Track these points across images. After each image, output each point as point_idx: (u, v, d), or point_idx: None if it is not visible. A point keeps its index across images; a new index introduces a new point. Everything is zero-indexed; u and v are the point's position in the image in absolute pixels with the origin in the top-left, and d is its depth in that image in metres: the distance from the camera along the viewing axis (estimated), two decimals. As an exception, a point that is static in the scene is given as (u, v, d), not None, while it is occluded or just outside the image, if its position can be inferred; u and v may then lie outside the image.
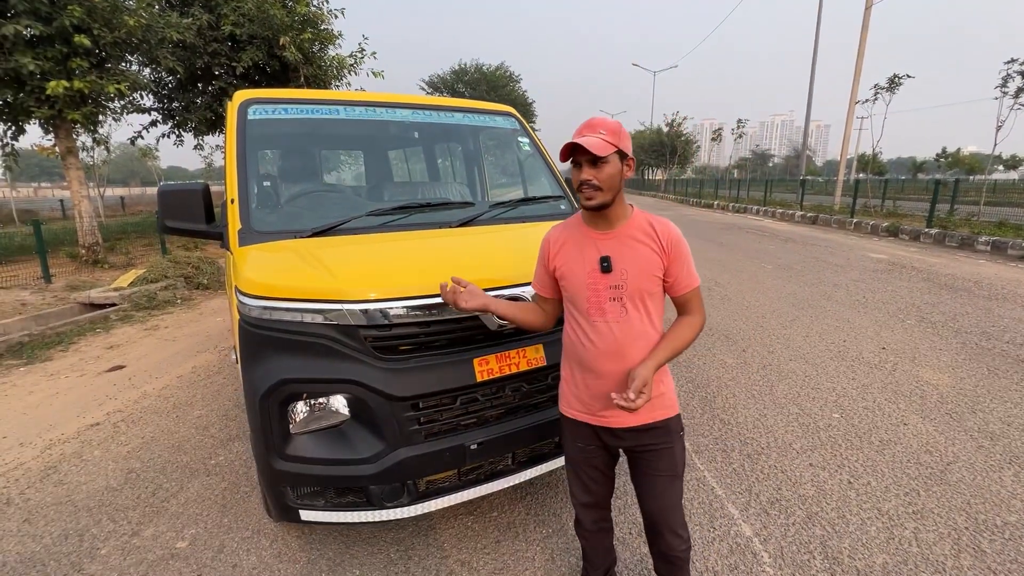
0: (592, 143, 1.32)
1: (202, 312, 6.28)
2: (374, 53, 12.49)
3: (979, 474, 2.59)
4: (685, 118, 39.29)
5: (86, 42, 7.39)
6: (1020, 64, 10.38)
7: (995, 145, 11.36)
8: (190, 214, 2.05)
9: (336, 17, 12.28)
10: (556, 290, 1.59)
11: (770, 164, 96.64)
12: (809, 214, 15.45)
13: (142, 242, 12.05)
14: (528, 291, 1.87)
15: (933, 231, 10.59)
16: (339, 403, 1.72)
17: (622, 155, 1.39)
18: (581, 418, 1.57)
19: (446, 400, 1.76)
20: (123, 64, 8.97)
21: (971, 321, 5.07)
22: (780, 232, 13.13)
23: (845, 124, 16.08)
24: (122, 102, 9.78)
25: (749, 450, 2.83)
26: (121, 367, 4.45)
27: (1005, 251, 8.88)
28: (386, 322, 1.67)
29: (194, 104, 11.71)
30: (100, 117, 9.35)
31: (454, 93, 30.06)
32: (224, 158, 2.78)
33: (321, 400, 1.70)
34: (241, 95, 2.35)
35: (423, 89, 31.61)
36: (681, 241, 1.45)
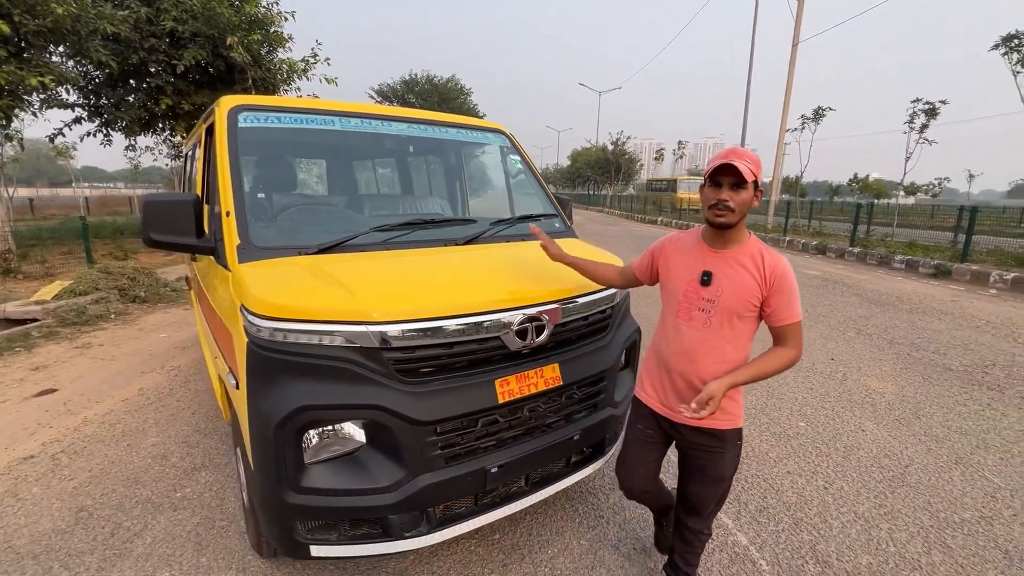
0: (742, 168, 1.44)
1: (141, 328, 5.76)
2: (327, 59, 12.14)
3: (933, 475, 2.85)
4: (629, 137, 41.01)
5: (5, 29, 6.70)
6: (924, 103, 11.74)
7: (904, 174, 12.74)
8: (179, 227, 1.89)
9: (286, 20, 11.87)
10: (649, 277, 1.83)
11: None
12: (746, 232, 16.49)
13: (60, 250, 10.93)
14: (547, 310, 1.89)
15: (856, 250, 11.65)
16: (357, 430, 1.63)
17: (755, 186, 1.50)
18: (650, 404, 1.76)
19: (468, 423, 1.72)
20: (46, 55, 8.18)
21: (901, 333, 5.60)
22: (722, 248, 13.91)
23: (776, 150, 17.41)
24: (43, 96, 8.90)
25: (731, 460, 2.96)
26: (52, 391, 3.98)
27: (917, 268, 9.91)
28: (411, 343, 1.62)
29: (126, 102, 10.86)
30: (16, 111, 8.47)
31: (404, 103, 29.73)
32: (186, 164, 2.60)
33: (339, 427, 1.61)
34: (229, 101, 2.21)
35: (372, 98, 30.99)
36: (787, 276, 1.53)
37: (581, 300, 2.03)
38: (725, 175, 1.48)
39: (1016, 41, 9.30)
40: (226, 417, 2.49)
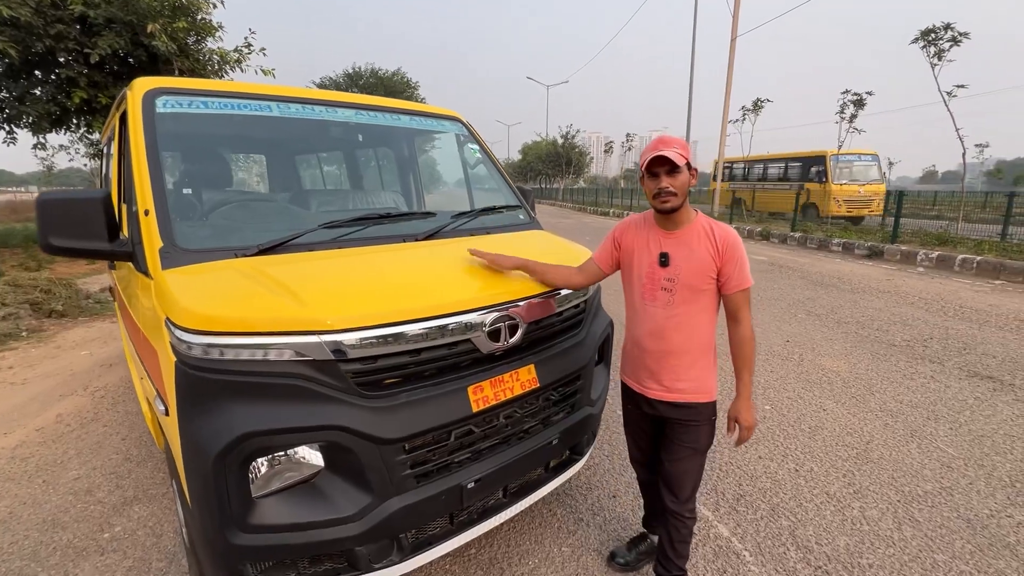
0: (673, 156, 1.53)
1: (59, 346, 5.17)
2: (263, 49, 11.42)
3: (892, 449, 2.93)
4: (578, 131, 41.47)
5: None
6: (852, 95, 12.46)
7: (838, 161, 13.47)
8: (86, 230, 1.60)
9: (215, 7, 11.06)
10: (611, 265, 1.85)
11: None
12: (694, 221, 17.00)
13: (-44, 262, 9.74)
14: (520, 307, 1.75)
15: (797, 235, 12.24)
16: (313, 453, 1.43)
17: (688, 167, 1.59)
18: (629, 383, 1.86)
19: (441, 437, 1.55)
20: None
21: (846, 313, 5.86)
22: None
23: (720, 140, 18.01)
24: (-72, 88, 7.85)
25: (704, 449, 2.95)
26: (-51, 424, 3.46)
27: (852, 251, 10.51)
28: (372, 353, 1.43)
29: (31, 95, 9.78)
30: None
31: (348, 97, 28.64)
32: (103, 162, 2.28)
33: (292, 452, 1.40)
34: (144, 83, 1.92)
35: (314, 91, 29.71)
36: (737, 245, 1.61)
37: (561, 292, 1.90)
38: (659, 165, 1.56)
39: (933, 35, 10.01)
40: (159, 444, 2.20)
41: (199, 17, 10.55)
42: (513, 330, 1.72)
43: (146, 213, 1.64)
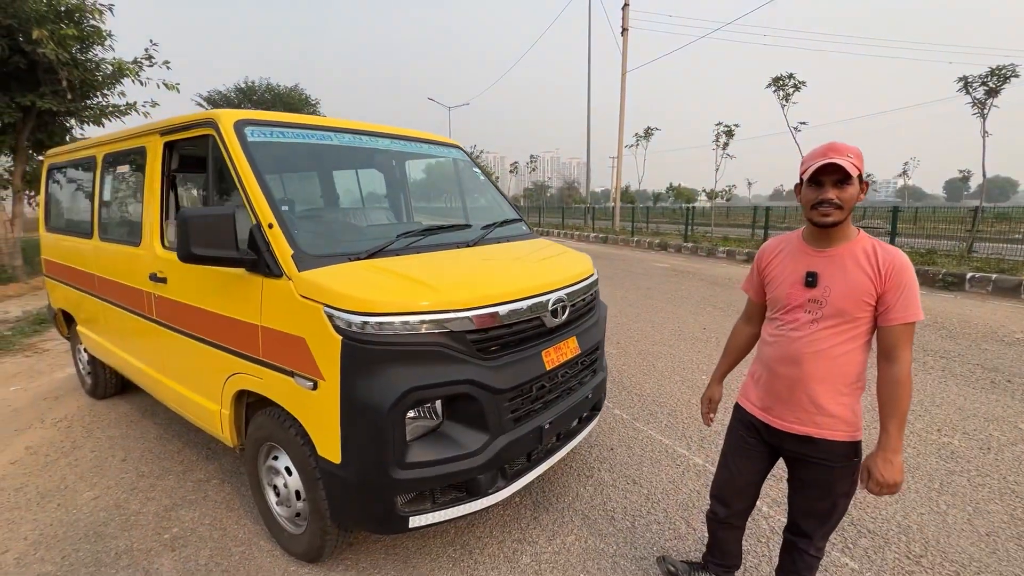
0: (847, 165, 1.38)
1: (-25, 383, 4.64)
2: (167, 62, 10.73)
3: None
4: (482, 151, 42.92)
5: None
6: (724, 127, 14.81)
7: (716, 182, 15.84)
8: (221, 240, 1.87)
9: (102, 13, 10.25)
10: (760, 293, 1.72)
11: (548, 194, 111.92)
12: (601, 235, 18.75)
13: None
14: (567, 292, 2.31)
15: (689, 245, 14.14)
16: (447, 405, 1.87)
17: (859, 179, 1.44)
18: (751, 410, 1.68)
19: (528, 389, 2.07)
20: None
21: (741, 304, 7.15)
22: (584, 250, 15.56)
23: (616, 164, 20.07)
24: None
25: (668, 410, 3.70)
26: None
27: (735, 256, 12.48)
28: (488, 325, 1.91)
29: None
30: None
31: (241, 112, 26.91)
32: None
33: (435, 404, 1.83)
34: (230, 116, 2.20)
35: (200, 105, 27.57)
36: (904, 269, 1.40)
37: (583, 283, 2.50)
38: (827, 174, 1.42)
39: (781, 81, 12.45)
40: (232, 442, 2.40)
41: (86, 24, 9.72)
42: (564, 310, 2.28)
43: (270, 226, 1.96)
